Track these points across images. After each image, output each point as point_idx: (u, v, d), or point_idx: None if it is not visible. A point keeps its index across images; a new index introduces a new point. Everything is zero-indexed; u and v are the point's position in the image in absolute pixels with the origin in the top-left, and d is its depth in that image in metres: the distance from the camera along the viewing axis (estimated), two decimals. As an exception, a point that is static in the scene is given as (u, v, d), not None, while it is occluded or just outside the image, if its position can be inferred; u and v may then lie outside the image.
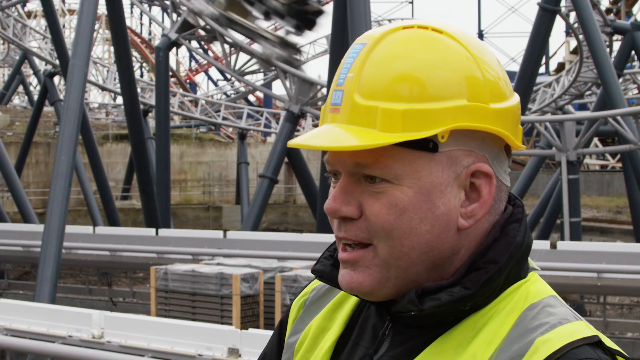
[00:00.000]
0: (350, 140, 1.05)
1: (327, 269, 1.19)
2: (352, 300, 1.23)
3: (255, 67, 20.55)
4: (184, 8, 18.65)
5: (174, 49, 25.79)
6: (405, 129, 1.05)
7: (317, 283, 1.31)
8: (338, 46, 15.62)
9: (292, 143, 1.09)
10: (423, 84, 1.06)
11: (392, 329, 1.13)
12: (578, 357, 1.00)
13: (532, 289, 1.10)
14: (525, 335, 1.04)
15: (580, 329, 1.04)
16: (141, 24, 55.50)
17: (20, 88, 39.48)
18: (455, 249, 1.10)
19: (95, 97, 48.48)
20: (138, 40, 48.35)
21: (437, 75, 1.06)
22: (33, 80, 42.19)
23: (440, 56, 1.07)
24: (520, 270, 1.11)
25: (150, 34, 54.93)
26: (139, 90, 22.78)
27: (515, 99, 1.13)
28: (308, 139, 1.08)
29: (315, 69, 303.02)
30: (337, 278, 1.16)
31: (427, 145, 1.06)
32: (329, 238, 13.60)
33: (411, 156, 1.06)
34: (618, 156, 31.23)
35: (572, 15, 19.43)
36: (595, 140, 31.03)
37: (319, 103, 20.27)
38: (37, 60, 29.74)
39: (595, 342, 1.03)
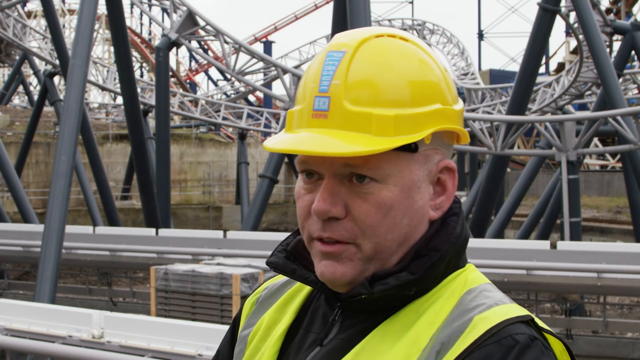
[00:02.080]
0: (354, 145, 1.11)
1: (281, 261, 1.26)
2: (302, 294, 1.31)
3: (255, 67, 20.54)
4: (184, 8, 18.64)
5: (174, 49, 25.77)
6: (397, 132, 1.13)
7: (269, 283, 1.38)
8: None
9: (284, 148, 1.12)
10: (408, 90, 1.15)
11: (342, 315, 1.21)
12: (513, 332, 1.09)
13: (470, 277, 1.20)
14: (464, 314, 1.13)
15: (515, 309, 1.14)
16: (141, 24, 55.52)
17: (20, 88, 39.51)
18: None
19: (95, 97, 48.52)
20: (138, 40, 48.35)
21: (418, 82, 1.16)
22: (33, 80, 42.21)
23: (417, 65, 1.17)
24: (459, 260, 1.21)
25: (150, 34, 54.94)
26: (139, 90, 22.77)
27: (460, 100, 1.24)
28: (304, 144, 1.12)
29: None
30: (290, 269, 1.24)
31: (410, 147, 1.15)
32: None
33: (396, 157, 1.15)
34: (618, 156, 31.23)
35: (572, 15, 19.42)
36: (595, 140, 31.04)
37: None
38: (37, 60, 29.73)
39: (528, 321, 1.13)
